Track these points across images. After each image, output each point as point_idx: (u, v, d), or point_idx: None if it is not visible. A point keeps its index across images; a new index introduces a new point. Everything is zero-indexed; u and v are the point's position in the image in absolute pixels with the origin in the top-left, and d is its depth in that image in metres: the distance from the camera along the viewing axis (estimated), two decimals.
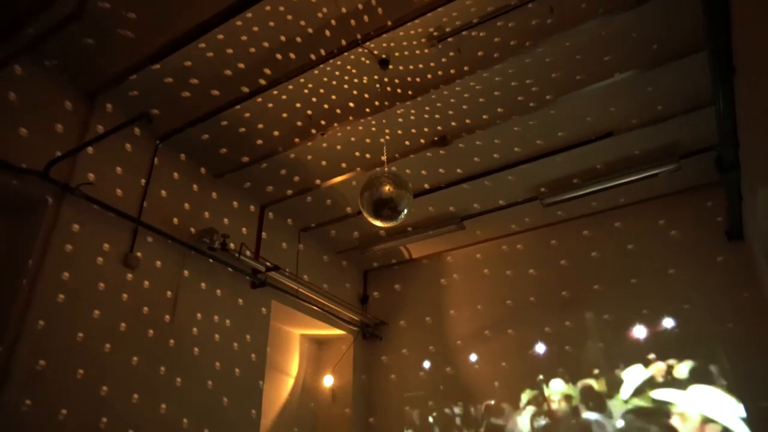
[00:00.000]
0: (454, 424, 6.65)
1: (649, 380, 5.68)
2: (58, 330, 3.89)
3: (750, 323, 5.31)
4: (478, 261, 7.31)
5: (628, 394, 5.77)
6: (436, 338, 7.18)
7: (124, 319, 4.38)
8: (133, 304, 4.49)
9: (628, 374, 5.82)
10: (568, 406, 6.11)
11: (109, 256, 4.40)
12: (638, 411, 5.65)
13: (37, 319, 3.78)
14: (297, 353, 7.21)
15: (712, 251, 5.75)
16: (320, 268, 7.01)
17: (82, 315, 4.08)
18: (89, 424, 3.91)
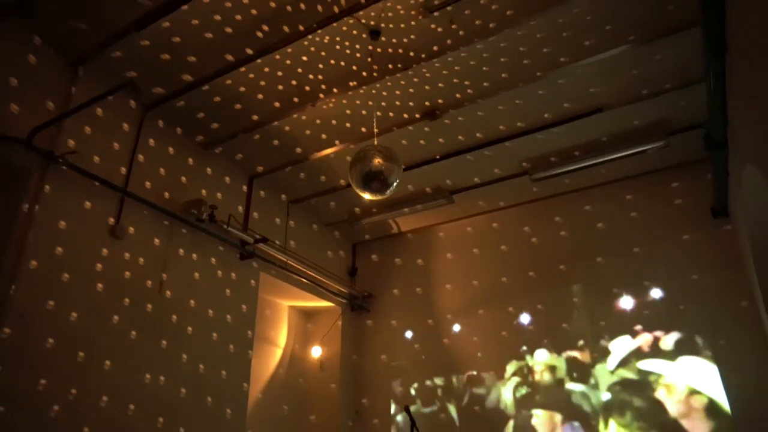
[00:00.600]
0: (437, 395, 6.77)
1: (636, 351, 5.81)
2: (46, 302, 3.86)
3: (732, 298, 5.42)
4: (466, 235, 7.35)
5: (614, 365, 5.89)
6: (423, 310, 7.26)
7: (112, 290, 4.36)
8: (121, 275, 4.47)
9: (613, 345, 5.94)
10: (552, 377, 6.24)
11: (95, 227, 4.35)
12: (624, 382, 5.78)
13: (23, 291, 3.75)
14: (285, 325, 7.26)
15: (698, 228, 5.83)
16: (309, 240, 7.01)
17: (71, 286, 4.05)
18: (89, 401, 3.94)
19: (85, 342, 4.07)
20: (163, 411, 4.54)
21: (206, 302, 5.26)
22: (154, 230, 4.89)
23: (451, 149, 5.90)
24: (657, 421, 5.47)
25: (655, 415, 5.50)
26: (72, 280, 4.07)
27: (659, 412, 5.49)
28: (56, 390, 3.79)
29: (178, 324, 4.90)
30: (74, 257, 4.13)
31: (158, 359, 4.63)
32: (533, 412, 6.21)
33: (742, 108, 3.89)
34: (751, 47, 3.26)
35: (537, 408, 6.21)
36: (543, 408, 6.19)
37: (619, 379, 5.83)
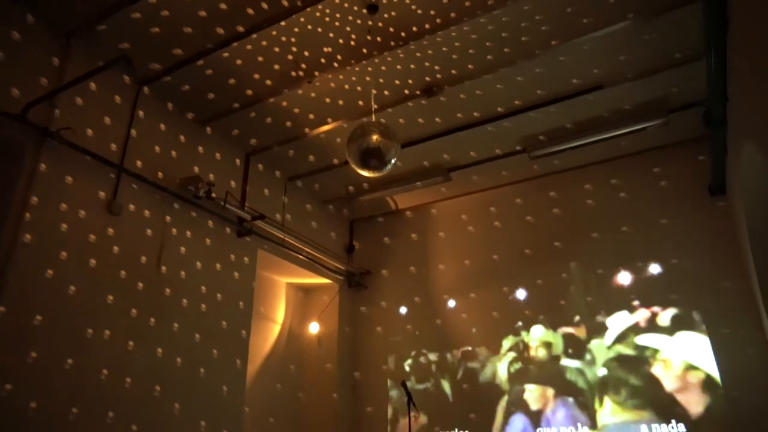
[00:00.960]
0: (431, 371, 6.86)
1: (632, 327, 5.87)
2: (43, 277, 3.87)
3: (727, 275, 5.47)
4: (463, 212, 7.36)
5: (610, 341, 5.95)
6: (420, 287, 7.30)
7: (110, 266, 4.36)
8: (118, 251, 4.46)
9: (610, 321, 6.00)
10: (547, 353, 6.31)
11: (92, 203, 4.34)
12: (620, 358, 5.84)
13: (21, 268, 3.75)
14: (283, 301, 7.30)
15: (695, 205, 5.84)
16: (306, 217, 7.01)
17: (68, 262, 4.05)
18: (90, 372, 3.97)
19: (83, 317, 4.08)
20: (160, 385, 4.58)
21: (203, 279, 5.28)
22: (151, 207, 4.87)
23: (450, 126, 5.86)
24: (652, 398, 5.55)
25: (650, 391, 5.57)
26: (69, 256, 4.07)
27: (654, 389, 5.56)
28: (53, 363, 3.82)
29: (175, 300, 4.92)
30: (71, 233, 4.12)
31: (156, 336, 4.65)
32: (527, 387, 6.30)
33: (742, 85, 3.86)
34: (753, 23, 3.22)
35: (531, 383, 6.30)
36: (537, 383, 6.27)
37: (615, 355, 5.89)
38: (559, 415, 6.02)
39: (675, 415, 5.41)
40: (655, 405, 5.54)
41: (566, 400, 6.03)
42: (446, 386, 6.76)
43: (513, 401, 6.33)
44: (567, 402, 6.02)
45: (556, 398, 6.11)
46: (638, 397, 5.65)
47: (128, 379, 4.30)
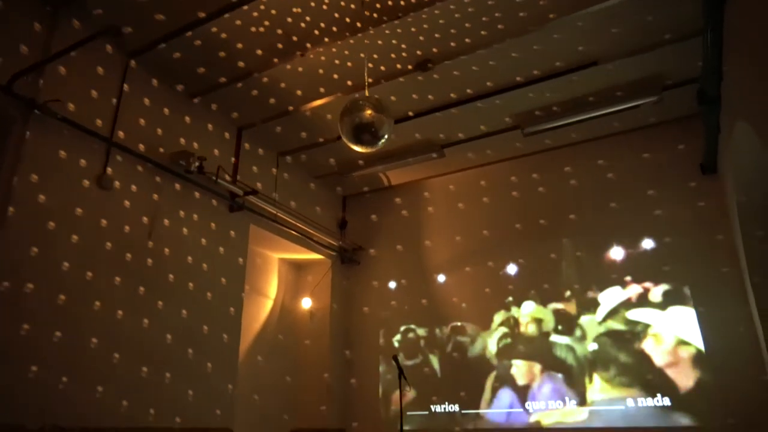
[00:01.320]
0: (420, 346, 6.94)
1: (624, 303, 5.94)
2: (29, 249, 3.84)
3: (717, 251, 5.55)
4: (456, 189, 7.36)
5: (601, 316, 6.02)
6: (412, 263, 7.33)
7: (102, 241, 4.34)
8: (110, 226, 4.44)
9: (601, 297, 6.08)
10: (537, 328, 6.39)
11: (82, 177, 4.29)
12: (611, 334, 5.92)
13: (9, 241, 3.72)
14: (276, 276, 7.31)
15: (687, 183, 5.88)
16: (299, 192, 6.98)
17: (56, 235, 4.02)
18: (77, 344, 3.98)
19: (73, 290, 4.07)
20: (151, 359, 4.60)
21: (195, 254, 5.27)
22: (141, 181, 4.83)
23: (444, 102, 5.81)
24: (641, 375, 5.64)
25: (639, 368, 5.65)
26: (58, 229, 4.03)
27: (644, 365, 5.64)
28: (42, 335, 3.82)
29: (167, 275, 4.92)
30: (60, 207, 4.09)
31: (146, 310, 4.66)
32: (515, 362, 6.39)
33: (738, 63, 3.84)
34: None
35: (520, 358, 6.38)
36: (526, 359, 6.35)
37: (605, 331, 5.97)
38: (547, 390, 6.13)
39: (661, 389, 5.51)
40: (643, 380, 5.63)
41: (554, 376, 6.13)
42: (435, 361, 6.84)
43: (501, 376, 6.43)
44: (555, 378, 6.12)
45: (543, 374, 6.21)
46: (627, 373, 5.73)
47: (116, 355, 4.30)
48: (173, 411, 4.68)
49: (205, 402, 5.02)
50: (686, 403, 5.39)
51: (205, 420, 4.99)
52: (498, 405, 6.34)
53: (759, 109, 3.49)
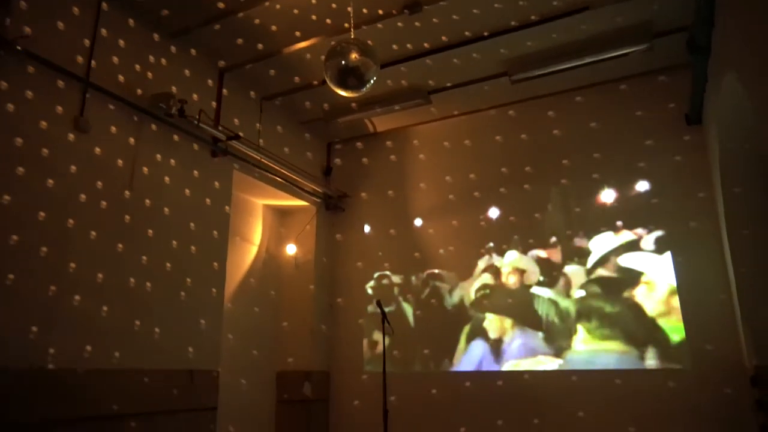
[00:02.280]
0: (402, 293, 7.09)
1: (613, 250, 6.04)
2: (5, 200, 3.77)
3: (697, 202, 5.65)
4: (441, 136, 7.31)
5: (589, 264, 6.12)
6: (397, 210, 7.37)
7: (78, 185, 4.26)
8: (88, 170, 4.34)
9: (590, 244, 6.16)
10: (519, 279, 6.51)
11: (57, 119, 4.16)
12: (600, 281, 6.03)
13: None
14: (260, 222, 7.31)
15: (671, 134, 5.90)
16: (283, 138, 6.88)
17: (30, 180, 3.91)
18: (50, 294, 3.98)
19: (54, 239, 4.02)
20: (137, 309, 4.63)
21: (178, 199, 5.21)
22: (120, 124, 4.71)
23: (431, 47, 5.67)
24: (625, 327, 5.79)
25: (624, 320, 5.81)
26: (30, 174, 3.91)
27: (628, 317, 5.79)
28: (26, 288, 3.81)
29: (150, 221, 4.87)
30: (35, 152, 3.97)
31: (130, 258, 4.64)
32: (493, 314, 6.54)
33: (730, 11, 3.79)
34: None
35: (498, 310, 6.53)
36: (504, 312, 6.48)
37: (591, 280, 6.08)
38: (523, 346, 6.28)
39: (652, 341, 5.67)
40: (631, 332, 5.77)
41: (534, 333, 6.26)
42: (410, 310, 6.99)
43: (476, 329, 6.58)
44: (535, 335, 6.25)
45: (522, 329, 6.34)
46: (614, 325, 5.85)
47: (105, 307, 4.31)
48: (160, 356, 4.75)
49: (191, 347, 5.10)
50: (676, 356, 5.59)
51: (192, 364, 5.08)
52: (470, 359, 6.54)
53: (747, 59, 3.47)
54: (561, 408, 5.83)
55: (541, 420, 5.87)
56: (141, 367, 4.53)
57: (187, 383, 4.97)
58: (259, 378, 6.72)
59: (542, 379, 6.06)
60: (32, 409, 3.66)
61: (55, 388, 3.84)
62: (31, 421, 3.66)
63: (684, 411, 5.29)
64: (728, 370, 5.17)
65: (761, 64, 3.15)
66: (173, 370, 4.87)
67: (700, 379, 5.30)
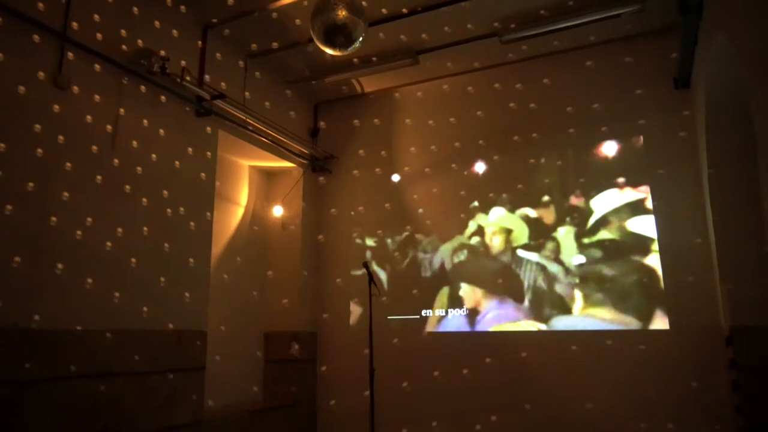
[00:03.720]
0: (386, 255, 7.14)
1: (603, 210, 6.10)
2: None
3: (682, 164, 5.71)
4: (431, 97, 7.24)
5: (581, 226, 6.16)
6: (384, 172, 7.34)
7: (56, 146, 4.14)
8: (66, 129, 4.22)
9: (583, 202, 6.19)
10: (504, 240, 6.56)
11: (34, 76, 4.03)
12: (595, 245, 6.09)
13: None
14: (246, 184, 7.25)
15: (659, 97, 5.91)
16: (269, 98, 6.75)
17: (10, 143, 3.84)
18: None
19: (33, 201, 3.96)
20: (122, 270, 4.61)
21: (162, 159, 5.12)
22: (101, 82, 4.57)
23: (420, 4, 5.55)
24: (615, 291, 5.88)
25: (615, 284, 5.89)
26: (11, 135, 3.85)
27: (618, 281, 5.88)
28: (5, 249, 3.77)
29: (132, 181, 4.79)
30: (11, 111, 3.86)
31: (113, 219, 4.58)
32: (465, 285, 6.63)
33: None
34: None
35: (481, 276, 6.60)
36: (488, 276, 6.55)
37: (583, 244, 6.14)
38: (507, 310, 6.37)
39: (636, 304, 5.77)
40: (619, 296, 5.85)
41: (519, 295, 6.35)
42: (385, 272, 7.07)
43: (454, 295, 6.68)
44: (519, 296, 6.34)
45: (506, 292, 6.42)
46: (606, 291, 5.91)
47: (90, 280, 4.27)
48: (146, 317, 4.76)
49: (178, 309, 5.11)
50: (654, 313, 5.73)
51: (179, 325, 5.10)
52: (450, 322, 6.67)
53: (738, 21, 3.44)
54: (541, 367, 5.97)
55: (522, 377, 6.03)
56: (127, 328, 4.54)
57: (174, 344, 5.00)
58: (246, 339, 6.79)
59: (524, 339, 6.19)
60: (18, 368, 3.67)
61: (41, 347, 3.84)
62: (17, 379, 3.68)
63: (662, 371, 5.45)
64: (706, 332, 5.32)
65: (752, 23, 3.13)
66: (160, 331, 4.88)
67: (679, 339, 5.46)
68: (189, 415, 5.05)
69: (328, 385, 7.14)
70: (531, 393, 5.95)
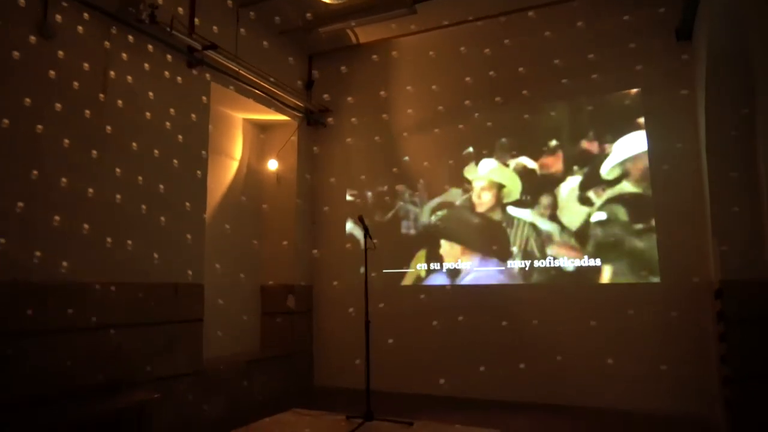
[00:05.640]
0: (380, 208, 7.14)
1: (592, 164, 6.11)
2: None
3: (679, 116, 5.69)
4: (427, 48, 7.07)
5: (572, 184, 6.15)
6: (379, 126, 7.27)
7: (44, 97, 4.06)
8: (54, 80, 4.13)
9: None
10: (495, 194, 6.56)
11: (19, 23, 3.91)
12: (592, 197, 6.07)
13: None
14: (240, 137, 7.17)
15: (660, 49, 5.83)
16: (262, 49, 6.58)
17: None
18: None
19: (25, 156, 3.92)
20: (118, 223, 4.60)
21: (154, 112, 5.03)
22: (88, 30, 4.44)
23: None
24: (613, 245, 5.94)
25: (612, 240, 5.94)
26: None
27: (617, 237, 5.92)
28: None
29: (126, 135, 4.73)
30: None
31: (107, 174, 4.54)
32: (446, 243, 6.70)
33: None
34: None
35: (465, 234, 6.65)
36: (473, 235, 6.60)
37: (573, 197, 6.14)
38: (493, 271, 6.43)
39: (627, 257, 5.83)
40: (618, 252, 5.89)
41: (506, 256, 6.40)
42: (376, 227, 7.05)
43: (432, 252, 6.76)
44: (506, 258, 6.39)
45: (491, 253, 6.47)
46: (609, 249, 5.93)
47: (86, 225, 4.27)
48: (142, 270, 4.80)
49: (174, 262, 5.14)
50: (647, 266, 5.82)
51: (176, 277, 5.15)
52: (433, 279, 6.76)
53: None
54: (537, 320, 6.08)
55: (513, 329, 6.16)
56: (123, 281, 4.58)
57: (171, 296, 5.06)
58: (243, 292, 6.87)
59: (514, 291, 6.30)
60: (18, 321, 3.72)
61: (40, 301, 3.88)
62: (19, 331, 3.73)
63: (652, 323, 5.58)
64: (696, 285, 5.43)
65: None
66: (156, 283, 4.93)
67: (670, 292, 5.56)
68: (188, 365, 5.16)
69: (323, 336, 7.28)
70: (522, 345, 6.08)
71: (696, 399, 5.28)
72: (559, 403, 5.75)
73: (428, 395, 6.36)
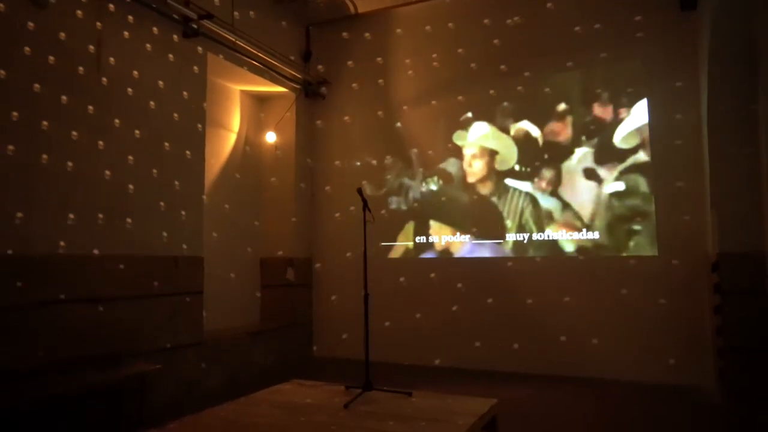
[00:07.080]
0: (378, 179, 7.11)
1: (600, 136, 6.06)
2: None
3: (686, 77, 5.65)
4: (426, 19, 6.96)
5: (575, 159, 6.10)
6: (378, 97, 7.20)
7: (38, 71, 4.01)
8: (48, 51, 4.07)
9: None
10: (488, 164, 6.52)
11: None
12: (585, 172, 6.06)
13: None
14: (238, 109, 7.09)
15: (664, 19, 5.74)
16: (259, 19, 6.47)
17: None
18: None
19: (20, 135, 3.88)
20: (115, 197, 4.59)
21: (150, 83, 4.98)
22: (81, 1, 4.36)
23: None
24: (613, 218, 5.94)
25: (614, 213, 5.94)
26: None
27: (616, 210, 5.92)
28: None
29: (120, 106, 4.68)
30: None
31: (104, 148, 4.51)
32: (436, 224, 6.69)
33: None
34: None
35: (456, 210, 6.62)
36: (464, 211, 6.57)
37: (579, 169, 6.11)
38: (488, 248, 6.43)
39: (627, 231, 5.83)
40: (623, 228, 5.88)
41: (500, 234, 6.39)
42: (375, 198, 7.05)
43: (421, 227, 6.76)
44: (500, 236, 6.39)
45: (486, 231, 6.45)
46: (607, 221, 5.91)
47: (81, 193, 4.26)
48: (142, 243, 4.80)
49: (173, 235, 5.14)
50: (645, 240, 5.83)
51: (176, 251, 5.16)
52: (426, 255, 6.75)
53: None
54: (534, 293, 6.13)
55: (513, 300, 6.21)
56: (123, 254, 4.59)
57: (171, 269, 5.08)
58: (243, 265, 6.89)
59: (513, 264, 6.32)
60: (19, 293, 3.74)
61: (41, 273, 3.90)
62: (20, 304, 3.75)
63: (649, 295, 5.62)
64: (693, 258, 5.45)
65: None
66: (157, 256, 4.94)
67: (667, 265, 5.58)
68: (190, 336, 5.21)
69: (322, 308, 7.34)
70: (521, 316, 6.14)
71: (691, 370, 5.35)
72: (557, 374, 5.83)
73: (426, 366, 6.44)
